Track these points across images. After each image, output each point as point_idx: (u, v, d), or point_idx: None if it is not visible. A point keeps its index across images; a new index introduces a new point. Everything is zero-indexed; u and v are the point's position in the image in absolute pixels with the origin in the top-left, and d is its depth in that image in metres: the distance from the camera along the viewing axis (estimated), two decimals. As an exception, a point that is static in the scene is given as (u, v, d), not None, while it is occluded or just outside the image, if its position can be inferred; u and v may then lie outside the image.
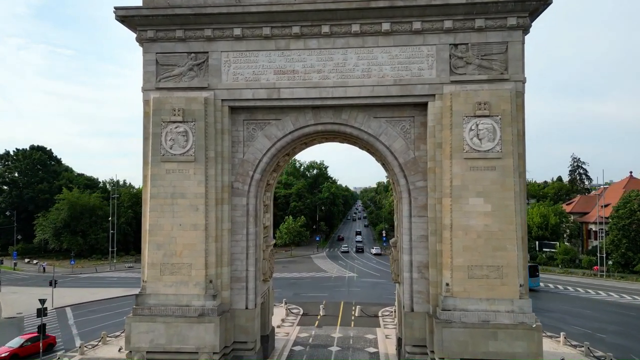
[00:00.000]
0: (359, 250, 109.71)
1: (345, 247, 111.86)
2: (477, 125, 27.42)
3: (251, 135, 30.75)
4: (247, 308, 30.24)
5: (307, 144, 33.70)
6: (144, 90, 30.05)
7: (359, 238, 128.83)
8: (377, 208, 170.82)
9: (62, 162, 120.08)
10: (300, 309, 49.25)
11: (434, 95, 28.52)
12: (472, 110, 27.52)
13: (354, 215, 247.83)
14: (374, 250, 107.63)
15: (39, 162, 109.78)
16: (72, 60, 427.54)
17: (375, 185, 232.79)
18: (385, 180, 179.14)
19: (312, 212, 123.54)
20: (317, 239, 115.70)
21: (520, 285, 26.89)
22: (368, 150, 33.31)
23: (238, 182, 30.51)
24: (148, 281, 28.83)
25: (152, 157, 29.18)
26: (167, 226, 28.82)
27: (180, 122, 29.05)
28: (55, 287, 54.02)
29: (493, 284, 26.85)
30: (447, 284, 27.18)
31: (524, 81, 28.19)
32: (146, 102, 29.95)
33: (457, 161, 27.46)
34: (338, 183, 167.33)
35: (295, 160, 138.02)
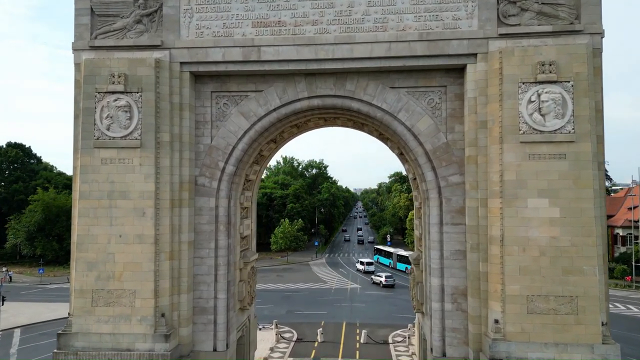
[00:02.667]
0: (360, 242, 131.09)
1: (348, 236, 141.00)
2: (538, 95, 19.28)
3: (222, 113, 22.55)
4: (215, 350, 22.00)
5: (299, 127, 25.46)
6: (75, 50, 21.89)
7: (360, 233, 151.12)
8: (380, 210, 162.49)
9: (43, 161, 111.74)
10: (294, 332, 40.96)
11: (475, 54, 20.39)
12: (531, 74, 19.39)
13: (355, 213, 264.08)
14: (362, 266, 76.99)
15: (15, 160, 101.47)
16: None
17: (376, 187, 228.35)
18: (387, 180, 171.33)
19: (310, 215, 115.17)
20: (316, 243, 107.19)
21: (603, 324, 18.72)
22: (380, 136, 25.09)
23: (204, 176, 22.31)
24: (75, 315, 20.60)
25: (82, 142, 21.00)
26: (102, 238, 20.62)
27: (121, 92, 20.88)
28: (6, 302, 45.86)
29: (564, 322, 18.68)
30: (497, 321, 19.02)
31: (602, 34, 20.03)
32: (77, 67, 21.81)
33: (511, 146, 19.31)
34: (338, 184, 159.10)
35: (293, 159, 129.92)
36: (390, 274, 68.43)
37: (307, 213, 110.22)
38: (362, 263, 79.94)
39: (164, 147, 20.98)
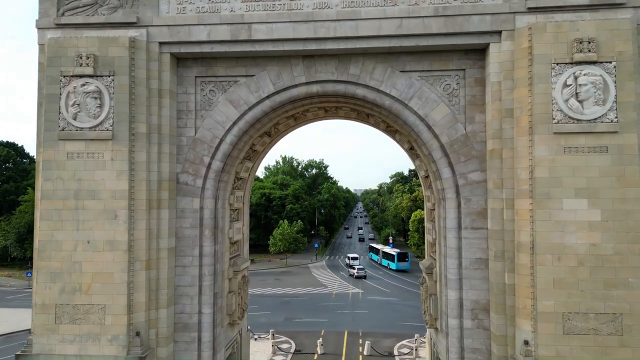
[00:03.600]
0: (361, 240, 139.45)
1: (350, 234, 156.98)
2: (575, 78, 16.49)
3: (208, 101, 19.75)
4: (200, 372, 19.19)
5: (296, 119, 22.66)
6: (39, 28, 19.07)
7: (360, 232, 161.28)
8: (381, 211, 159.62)
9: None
10: (292, 343, 38.11)
11: (499, 32, 17.60)
12: (567, 54, 16.60)
13: (357, 213, 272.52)
14: (355, 270, 74.35)
15: (6, 159, 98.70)
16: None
17: (376, 187, 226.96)
18: (388, 180, 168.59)
19: (310, 216, 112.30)
20: (316, 245, 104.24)
21: (653, 347, 15.90)
22: (388, 128, 22.30)
23: (187, 173, 19.51)
24: (36, 333, 17.80)
25: (44, 134, 18.19)
26: (68, 244, 17.81)
27: (90, 76, 18.08)
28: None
29: (606, 344, 15.90)
30: (527, 342, 16.22)
31: (648, 8, 17.22)
32: (41, 48, 18.98)
33: (542, 138, 16.52)
34: (339, 184, 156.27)
35: (292, 158, 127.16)
36: (362, 267, 78.09)
37: (306, 214, 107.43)
38: (349, 258, 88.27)
39: (139, 139, 18.18)
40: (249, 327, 35.85)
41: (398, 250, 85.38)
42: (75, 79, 18.04)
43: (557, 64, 16.61)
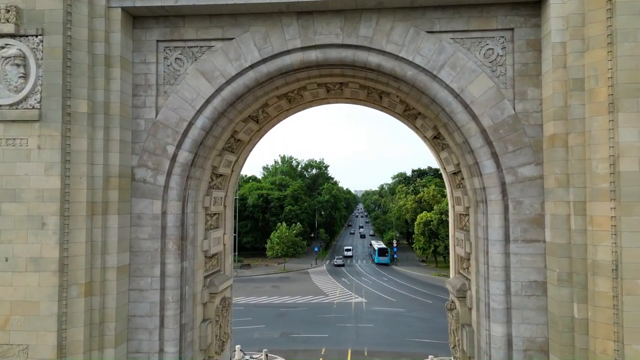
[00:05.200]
0: (362, 236, 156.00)
1: (353, 230, 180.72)
2: (674, 33, 11.83)
3: (173, 74, 15.09)
4: None
5: (290, 101, 18.01)
6: (-51, -24, 14.39)
7: (361, 231, 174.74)
8: (383, 212, 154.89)
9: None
10: (288, 365, 33.50)
11: (562, -25, 12.96)
12: (663, 0, 11.94)
13: (358, 213, 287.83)
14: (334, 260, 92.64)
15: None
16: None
17: (377, 188, 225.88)
18: (391, 181, 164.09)
19: (310, 218, 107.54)
20: (316, 249, 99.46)
21: None
22: (406, 112, 17.65)
23: (145, 167, 14.84)
24: None
25: (-51, 113, 13.54)
26: (-22, 262, 13.15)
27: (11, 36, 13.45)
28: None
29: None
30: (608, 403, 11.53)
31: None
32: (-49, 1, 14.32)
33: (630, 117, 11.90)
34: (339, 185, 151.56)
35: (292, 158, 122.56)
36: (341, 257, 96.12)
37: (306, 216, 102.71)
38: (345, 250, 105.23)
39: (78, 121, 13.54)
40: (239, 346, 31.19)
41: (380, 247, 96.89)
42: (-10, 39, 13.41)
43: (650, 14, 11.99)
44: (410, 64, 14.29)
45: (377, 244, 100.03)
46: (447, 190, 19.59)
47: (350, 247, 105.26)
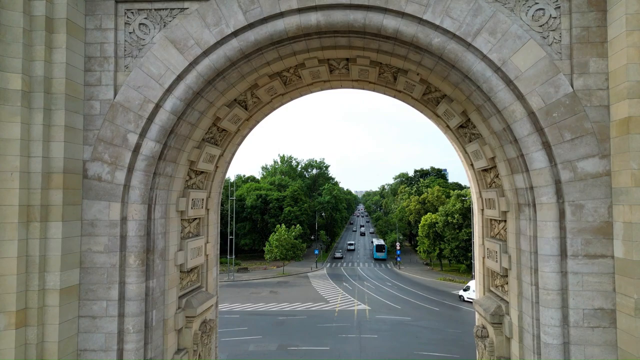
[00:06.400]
0: (362, 234, 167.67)
1: (354, 228, 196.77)
2: None
3: (137, 43, 11.99)
4: None
5: (285, 82, 14.89)
6: None
7: (362, 229, 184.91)
8: (385, 213, 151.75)
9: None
10: (286, 383, 30.37)
11: None
12: None
13: (358, 213, 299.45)
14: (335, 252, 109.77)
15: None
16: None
17: (377, 189, 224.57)
18: (392, 181, 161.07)
19: (310, 219, 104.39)
20: (316, 252, 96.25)
21: None
22: (425, 95, 14.52)
23: (100, 161, 11.72)
24: None
25: None
26: None
27: None
28: None
29: None
30: None
31: None
32: None
33: None
34: (340, 185, 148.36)
35: (291, 157, 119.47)
36: (340, 250, 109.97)
37: (306, 217, 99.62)
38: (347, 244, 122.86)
39: (9, 101, 10.47)
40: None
41: (378, 243, 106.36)
42: None
43: None
44: (437, 28, 11.20)
45: (377, 241, 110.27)
46: (473, 191, 16.45)
47: (353, 242, 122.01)
